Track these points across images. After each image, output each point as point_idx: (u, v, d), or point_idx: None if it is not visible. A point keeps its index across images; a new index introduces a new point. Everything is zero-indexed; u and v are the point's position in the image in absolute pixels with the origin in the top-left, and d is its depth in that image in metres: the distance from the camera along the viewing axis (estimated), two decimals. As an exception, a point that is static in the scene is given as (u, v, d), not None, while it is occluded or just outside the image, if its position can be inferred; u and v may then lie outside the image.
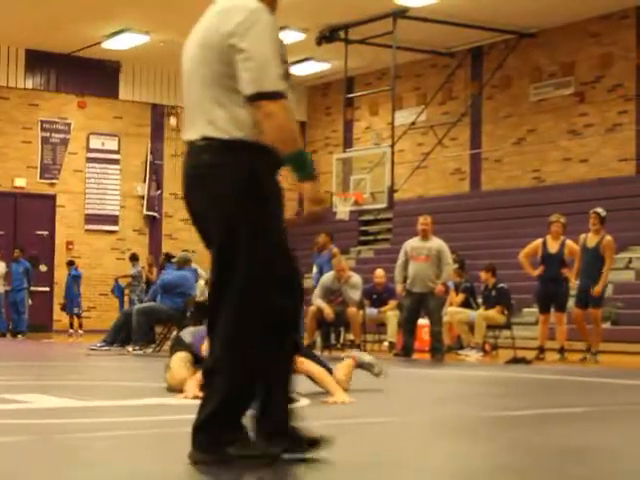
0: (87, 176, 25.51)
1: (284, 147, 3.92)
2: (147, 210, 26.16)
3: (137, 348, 14.69)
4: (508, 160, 23.35)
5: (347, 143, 25.08)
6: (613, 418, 6.58)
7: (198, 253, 20.59)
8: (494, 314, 15.28)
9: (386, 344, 16.41)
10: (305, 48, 23.36)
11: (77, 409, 6.57)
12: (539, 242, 14.31)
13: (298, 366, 7.65)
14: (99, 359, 13.46)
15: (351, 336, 15.58)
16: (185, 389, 7.19)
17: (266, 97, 3.88)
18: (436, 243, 14.11)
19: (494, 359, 14.76)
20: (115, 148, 25.91)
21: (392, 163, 21.08)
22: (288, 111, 3.92)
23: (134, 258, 22.92)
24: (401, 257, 14.29)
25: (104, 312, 24.20)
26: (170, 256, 17.68)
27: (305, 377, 7.27)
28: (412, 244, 14.22)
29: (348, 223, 23.28)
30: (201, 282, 19.68)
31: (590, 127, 21.72)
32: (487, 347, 15.51)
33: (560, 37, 22.26)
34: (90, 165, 25.56)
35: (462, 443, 5.20)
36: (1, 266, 21.85)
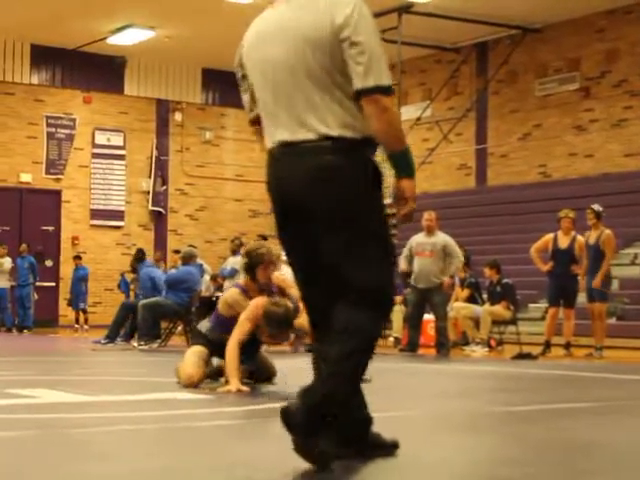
0: (92, 171, 25.53)
1: (394, 143, 3.84)
2: (152, 205, 26.18)
3: (142, 343, 14.71)
4: (514, 155, 23.34)
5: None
6: (618, 413, 6.58)
7: (200, 248, 20.63)
8: (499, 309, 15.27)
9: (392, 339, 16.41)
10: (310, 43, 23.32)
11: (83, 404, 6.58)
12: (550, 237, 14.31)
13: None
14: (105, 354, 13.48)
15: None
16: (229, 382, 7.24)
17: (382, 91, 3.78)
18: (441, 238, 14.11)
19: (500, 354, 14.76)
20: (120, 144, 25.92)
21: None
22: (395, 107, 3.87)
23: (141, 256, 22.45)
24: (405, 251, 14.30)
25: (110, 307, 24.19)
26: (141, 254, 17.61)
27: None
28: (417, 239, 14.23)
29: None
30: (206, 277, 19.71)
31: (596, 122, 21.70)
32: (492, 342, 15.50)
33: (565, 32, 22.23)
34: (95, 160, 25.58)
35: (467, 437, 5.21)
36: (7, 262, 21.87)
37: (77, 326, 23.05)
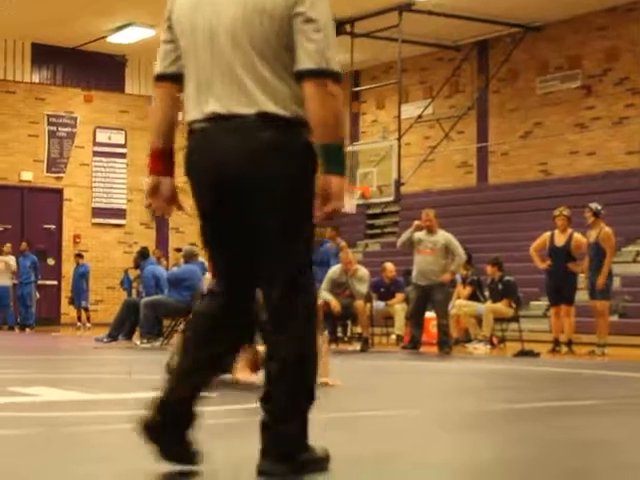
0: (94, 170, 25.54)
1: (331, 133, 3.51)
2: (154, 204, 26.16)
3: (145, 341, 14.72)
4: (515, 153, 23.33)
5: (354, 136, 25.06)
6: (621, 411, 6.58)
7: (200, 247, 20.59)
8: (501, 307, 15.27)
9: (394, 337, 16.42)
10: (311, 41, 23.32)
11: (85, 402, 6.58)
12: (547, 235, 14.40)
13: None
14: (107, 352, 13.48)
15: (358, 329, 15.60)
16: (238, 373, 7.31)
17: (332, 76, 3.50)
18: (442, 236, 14.11)
19: (502, 352, 14.76)
20: (122, 142, 25.92)
21: (399, 156, 21.08)
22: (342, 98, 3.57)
23: (145, 253, 22.14)
24: (408, 233, 14.38)
25: (111, 305, 24.18)
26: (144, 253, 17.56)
27: None
28: (419, 236, 14.24)
29: (355, 216, 23.28)
30: (207, 275, 19.70)
31: (597, 120, 21.69)
32: (494, 340, 15.50)
33: (566, 30, 22.22)
34: (97, 159, 25.58)
35: (469, 436, 5.21)
36: (12, 260, 21.88)
37: (79, 324, 23.06)
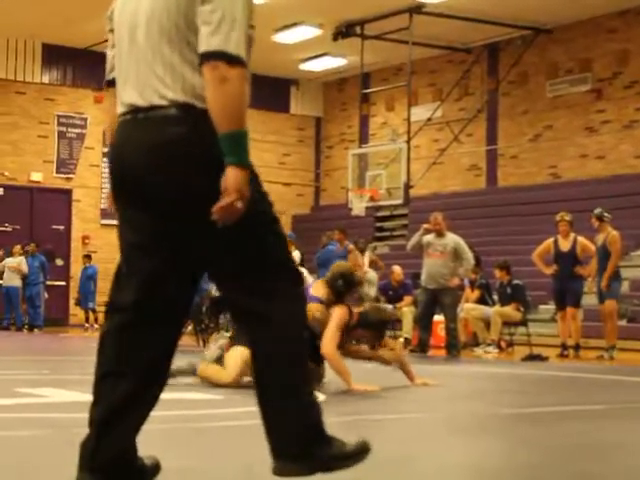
0: (103, 171, 25.56)
1: (228, 121, 3.21)
2: (163, 205, 26.21)
3: (152, 343, 14.70)
4: (524, 156, 23.30)
5: (363, 139, 25.06)
6: (629, 416, 6.56)
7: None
8: (510, 311, 15.25)
9: (402, 340, 16.41)
10: (321, 44, 23.36)
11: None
12: (550, 241, 14.42)
13: None
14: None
15: (366, 332, 15.57)
16: (350, 385, 7.60)
17: (224, 59, 3.21)
18: (451, 239, 14.09)
19: (510, 356, 14.74)
20: (131, 143, 25.93)
21: (408, 159, 21.07)
22: (245, 83, 3.27)
23: None
24: (418, 237, 14.33)
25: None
26: None
27: None
28: (428, 239, 14.22)
29: (364, 219, 23.28)
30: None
31: (607, 124, 21.65)
32: (503, 344, 15.48)
33: (577, 33, 22.19)
34: (106, 160, 25.60)
35: (477, 440, 5.20)
36: (23, 263, 21.90)
37: (87, 325, 23.08)
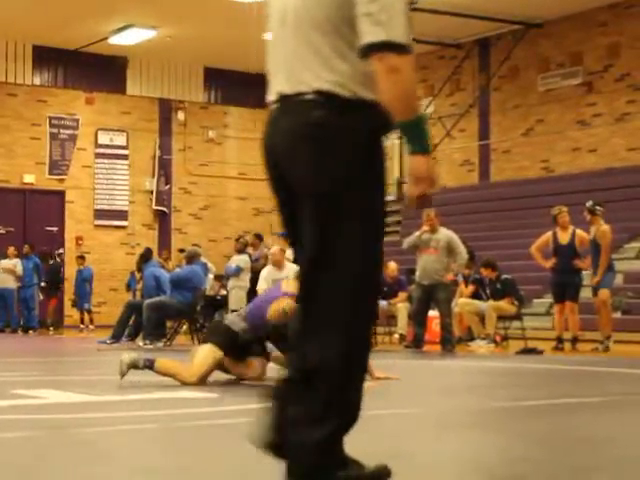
0: (96, 172, 25.55)
1: (403, 110, 3.20)
2: (156, 205, 26.20)
3: (148, 342, 14.73)
4: (517, 151, 23.33)
5: (355, 136, 25.01)
6: (625, 408, 6.58)
7: (204, 247, 20.61)
8: (504, 305, 15.26)
9: (397, 336, 16.42)
10: (312, 41, 23.34)
11: (89, 404, 6.59)
12: (549, 234, 14.39)
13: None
14: (110, 354, 13.47)
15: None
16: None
17: (392, 48, 3.19)
18: (445, 235, 14.10)
19: (505, 350, 14.76)
20: (123, 143, 25.94)
21: (400, 155, 21.08)
22: (413, 70, 3.25)
23: (147, 255, 21.40)
24: (412, 239, 14.32)
25: (115, 307, 24.19)
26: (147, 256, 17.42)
27: None
28: (421, 236, 14.23)
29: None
30: (210, 276, 19.71)
31: (599, 117, 21.68)
32: (497, 338, 15.50)
33: (567, 27, 22.21)
34: (99, 161, 25.60)
35: (473, 434, 5.21)
36: (18, 265, 21.87)
37: (82, 326, 23.06)
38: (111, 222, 25.66)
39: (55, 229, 25.01)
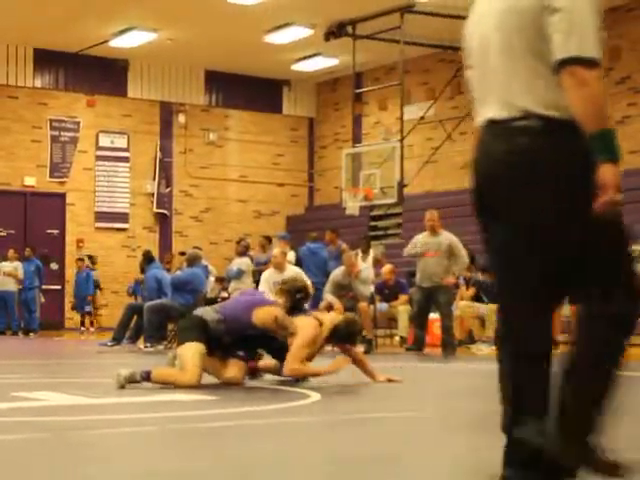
0: (97, 174, 25.55)
1: (593, 123, 3.39)
2: (157, 207, 26.20)
3: (148, 345, 14.73)
4: (517, 154, 23.30)
5: (356, 138, 25.05)
6: (622, 412, 6.56)
7: (205, 250, 20.58)
8: (505, 308, 15.25)
9: (397, 339, 16.42)
10: (313, 44, 23.35)
11: (89, 406, 6.59)
12: None
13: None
14: (110, 356, 13.48)
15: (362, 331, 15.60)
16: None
17: (581, 63, 3.35)
18: (446, 237, 14.09)
19: (505, 353, 14.73)
20: (124, 146, 25.94)
21: (401, 158, 21.05)
22: (602, 83, 3.41)
23: (149, 257, 20.80)
24: (412, 247, 14.29)
25: (115, 309, 24.18)
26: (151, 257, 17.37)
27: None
28: (421, 239, 14.22)
29: (358, 218, 23.27)
30: (211, 279, 19.70)
31: (599, 120, 21.67)
32: (498, 341, 15.48)
33: (568, 30, 22.20)
34: (100, 163, 25.60)
35: (477, 437, 5.20)
36: (19, 268, 21.87)
37: (83, 329, 23.07)
38: (112, 225, 25.66)
39: (56, 232, 25.01)
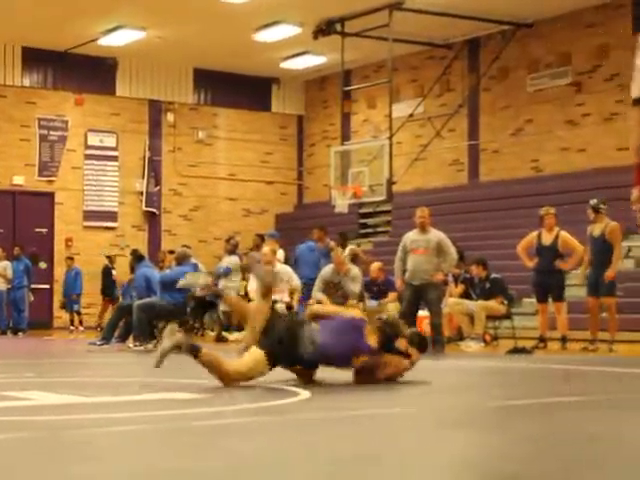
0: (85, 173, 25.52)
1: None
2: (146, 206, 26.17)
3: (137, 344, 14.72)
4: (506, 151, 23.36)
5: (345, 136, 25.07)
6: (617, 407, 6.59)
7: (194, 248, 20.53)
8: (493, 305, 15.29)
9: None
10: (302, 42, 23.35)
11: (79, 405, 6.58)
12: (534, 234, 14.53)
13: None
14: (100, 355, 13.47)
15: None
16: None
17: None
18: (435, 235, 14.11)
19: (495, 349, 14.78)
20: (113, 145, 25.91)
21: (390, 155, 21.09)
22: None
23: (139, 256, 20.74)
24: (400, 251, 14.29)
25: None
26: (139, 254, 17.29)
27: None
28: (411, 237, 14.23)
29: (347, 216, 23.30)
30: (201, 277, 19.66)
31: (588, 117, 21.73)
32: (487, 338, 15.53)
33: (556, 27, 22.25)
34: (88, 162, 25.56)
35: (467, 433, 5.21)
36: (9, 267, 21.82)
37: (72, 328, 23.03)
38: (101, 223, 25.63)
39: (45, 230, 24.96)
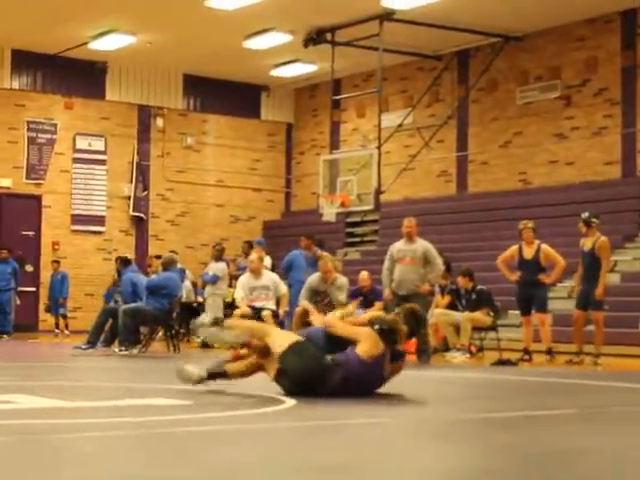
0: (73, 176, 25.45)
1: None
2: (133, 211, 26.12)
3: (123, 349, 14.69)
4: (494, 163, 23.40)
5: (334, 145, 25.07)
6: (598, 420, 6.60)
7: (181, 254, 20.54)
8: (479, 316, 15.31)
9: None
10: (292, 50, 23.37)
11: (63, 409, 6.57)
12: (515, 248, 14.52)
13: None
14: (85, 359, 13.44)
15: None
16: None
17: None
18: (421, 245, 14.13)
19: (480, 361, 14.80)
20: (102, 149, 25.86)
21: (379, 165, 21.10)
22: None
23: (126, 261, 20.31)
24: (387, 260, 14.30)
25: (90, 312, 24.08)
26: (125, 260, 17.26)
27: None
28: (398, 247, 14.24)
29: (334, 225, 23.30)
30: (187, 283, 19.66)
31: (576, 130, 21.79)
32: (473, 349, 15.54)
33: (546, 41, 22.32)
34: (76, 166, 25.51)
35: (447, 445, 5.22)
36: None
37: (57, 331, 22.96)
38: (88, 227, 25.57)
39: (31, 234, 24.89)
